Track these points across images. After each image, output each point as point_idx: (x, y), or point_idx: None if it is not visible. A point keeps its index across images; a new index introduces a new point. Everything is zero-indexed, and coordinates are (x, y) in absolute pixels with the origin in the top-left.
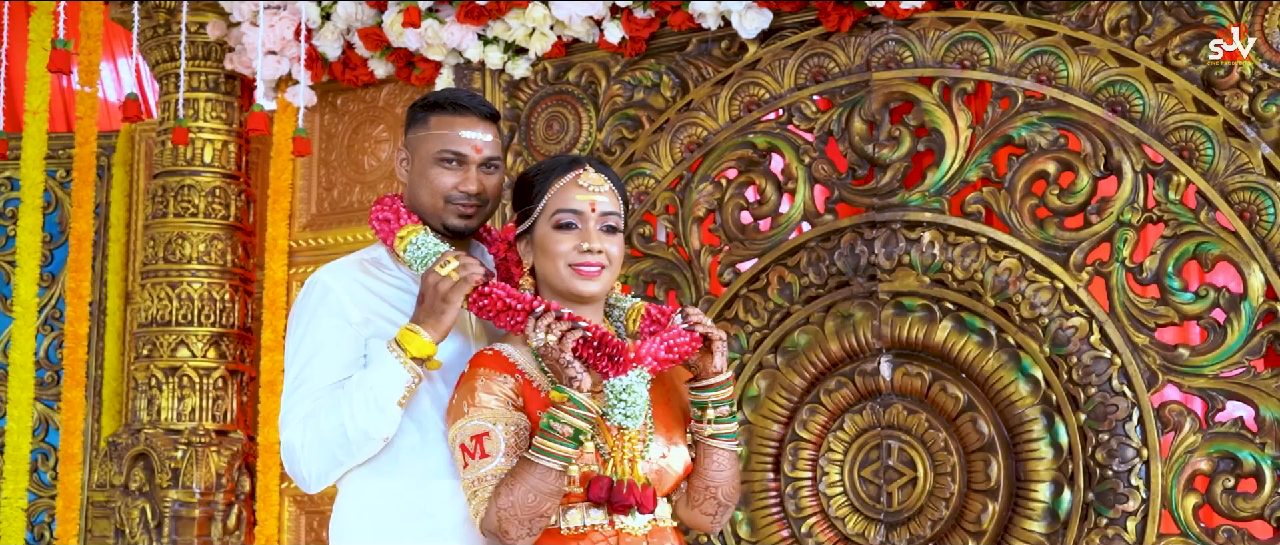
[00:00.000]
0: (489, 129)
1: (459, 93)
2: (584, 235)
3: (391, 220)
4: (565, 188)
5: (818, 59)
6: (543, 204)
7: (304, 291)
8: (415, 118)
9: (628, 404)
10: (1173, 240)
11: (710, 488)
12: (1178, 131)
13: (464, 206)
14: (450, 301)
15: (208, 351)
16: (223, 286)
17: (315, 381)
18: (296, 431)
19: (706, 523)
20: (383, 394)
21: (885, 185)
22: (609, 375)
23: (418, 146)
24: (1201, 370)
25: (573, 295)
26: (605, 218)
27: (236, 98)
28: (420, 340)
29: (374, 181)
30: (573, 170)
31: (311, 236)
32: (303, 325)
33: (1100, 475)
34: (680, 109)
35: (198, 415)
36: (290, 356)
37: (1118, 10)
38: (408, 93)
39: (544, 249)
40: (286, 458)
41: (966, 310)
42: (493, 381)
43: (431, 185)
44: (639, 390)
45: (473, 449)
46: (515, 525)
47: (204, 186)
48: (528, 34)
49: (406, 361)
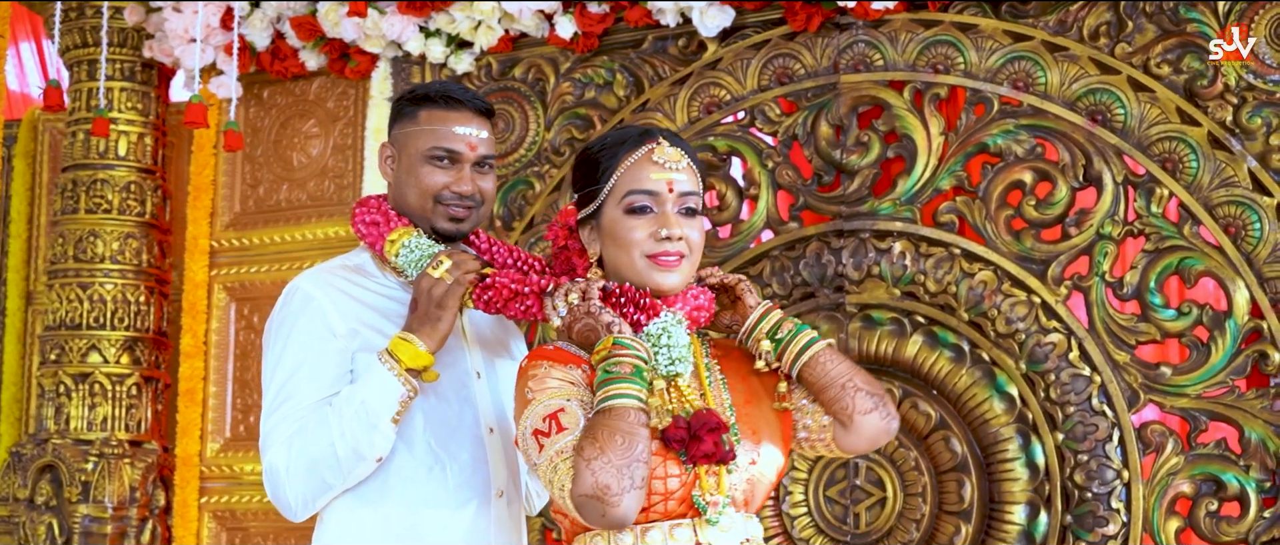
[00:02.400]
0: (484, 125)
1: (451, 86)
2: (661, 220)
3: (380, 224)
4: (637, 165)
5: (782, 60)
6: (611, 184)
7: (282, 301)
8: (402, 112)
9: (670, 347)
10: (1155, 255)
11: (844, 386)
12: (1161, 143)
13: (455, 208)
14: (446, 305)
15: (121, 357)
16: (138, 288)
17: (298, 399)
18: (280, 454)
19: (876, 424)
20: (375, 409)
21: (853, 193)
22: (642, 324)
23: (406, 143)
24: (1184, 390)
25: (650, 289)
26: (684, 199)
27: (153, 87)
28: (415, 349)
29: (303, 179)
30: (644, 144)
31: (235, 236)
32: (282, 338)
33: (1079, 497)
34: (635, 109)
35: (110, 425)
36: (269, 372)
37: (1097, 16)
38: (340, 86)
39: (614, 237)
40: (269, 483)
41: (939, 324)
42: (556, 369)
43: (421, 185)
44: (677, 332)
45: (547, 428)
46: (613, 475)
47: (118, 181)
48: (473, 27)
49: (400, 373)
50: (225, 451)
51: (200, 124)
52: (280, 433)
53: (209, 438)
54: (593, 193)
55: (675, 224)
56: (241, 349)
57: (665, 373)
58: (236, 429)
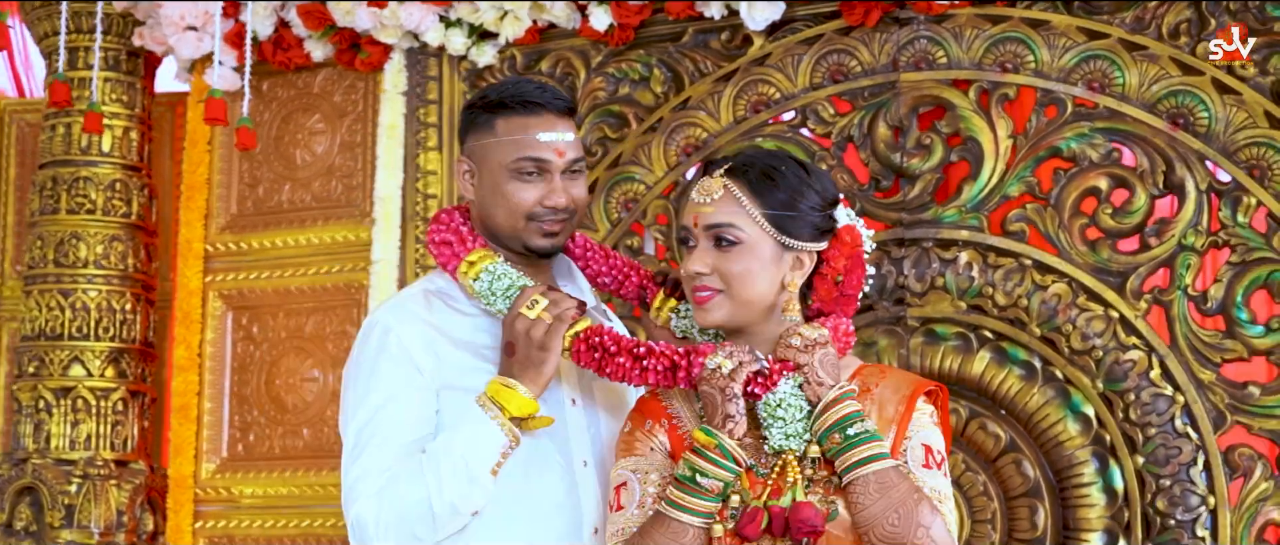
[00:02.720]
0: (569, 125)
1: (525, 85)
2: (690, 254)
3: (453, 243)
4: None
5: (837, 56)
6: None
7: (361, 337)
8: (476, 121)
9: (785, 422)
10: (1241, 267)
11: (864, 532)
12: (1248, 148)
13: (550, 224)
14: (549, 347)
15: (106, 370)
16: (123, 295)
17: (383, 443)
18: (369, 507)
19: None
20: (475, 461)
21: (914, 199)
22: (759, 395)
23: (485, 157)
24: (1273, 411)
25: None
26: (713, 230)
27: (139, 78)
28: (520, 397)
29: (307, 179)
30: (697, 179)
31: (232, 240)
32: (364, 377)
33: (1161, 524)
34: (675, 107)
35: (94, 443)
36: (350, 414)
37: (1176, 13)
38: (348, 79)
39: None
40: (356, 537)
41: (1008, 340)
42: (638, 432)
43: (510, 202)
44: (794, 403)
45: (613, 501)
46: None
47: (102, 179)
48: (499, 17)
49: (503, 422)
50: (221, 472)
51: (220, 120)
52: (368, 484)
53: (204, 457)
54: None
55: (695, 259)
56: (239, 361)
57: (776, 445)
58: (234, 448)
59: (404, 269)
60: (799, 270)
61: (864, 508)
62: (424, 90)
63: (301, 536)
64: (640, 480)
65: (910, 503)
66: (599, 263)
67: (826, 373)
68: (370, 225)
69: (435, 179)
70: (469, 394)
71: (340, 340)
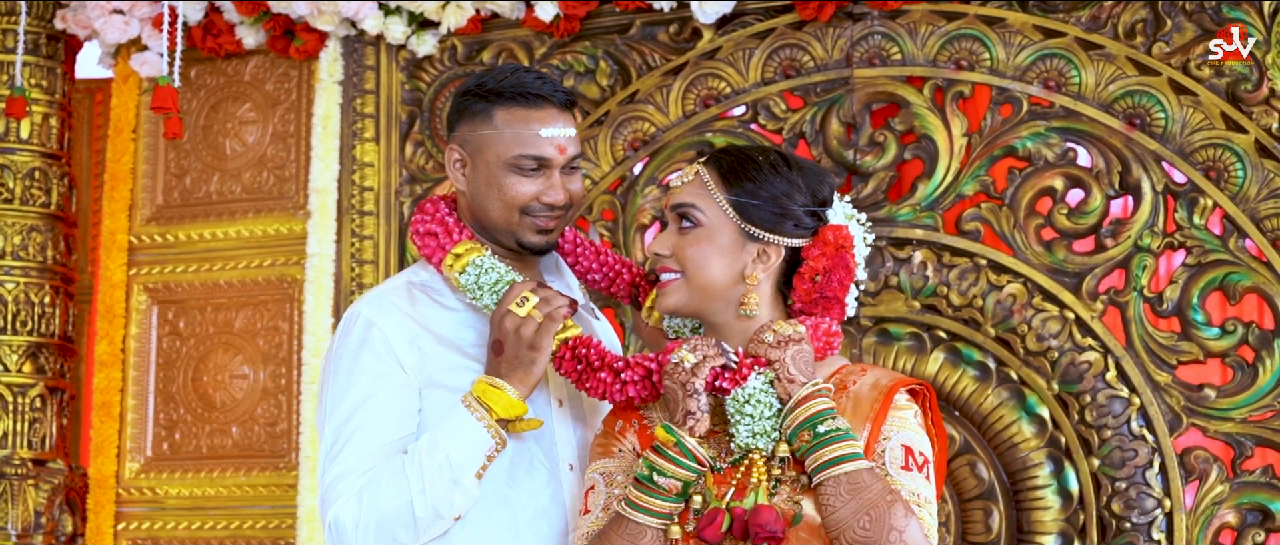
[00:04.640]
0: (570, 121)
1: (524, 75)
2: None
3: (438, 234)
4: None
5: (789, 51)
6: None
7: (341, 330)
8: (472, 110)
9: (753, 419)
10: (1197, 269)
11: (834, 536)
12: (1204, 149)
13: (545, 220)
14: (539, 347)
15: (24, 365)
16: (42, 288)
17: (364, 442)
18: (349, 509)
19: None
20: (459, 463)
21: (867, 197)
22: (727, 390)
23: (481, 148)
24: (1229, 413)
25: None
26: (676, 212)
27: (59, 63)
28: (507, 398)
29: (237, 169)
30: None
31: (157, 231)
32: (344, 372)
33: (1117, 527)
34: (622, 101)
35: (11, 441)
36: (329, 411)
37: (1132, 12)
38: (281, 67)
39: None
40: (333, 538)
41: (962, 340)
42: (612, 429)
43: (505, 196)
44: (763, 400)
45: (582, 505)
46: None
47: (20, 167)
48: (441, 6)
49: (490, 423)
50: (145, 472)
51: (169, 109)
52: (347, 484)
53: (127, 456)
54: None
55: (660, 240)
56: (165, 357)
57: (743, 443)
58: (159, 447)
59: (340, 263)
60: (763, 262)
61: (834, 510)
62: (361, 80)
63: (229, 538)
64: (607, 482)
65: (883, 505)
66: (590, 259)
67: (799, 370)
68: (304, 218)
69: (372, 171)
70: (454, 393)
71: (271, 336)
